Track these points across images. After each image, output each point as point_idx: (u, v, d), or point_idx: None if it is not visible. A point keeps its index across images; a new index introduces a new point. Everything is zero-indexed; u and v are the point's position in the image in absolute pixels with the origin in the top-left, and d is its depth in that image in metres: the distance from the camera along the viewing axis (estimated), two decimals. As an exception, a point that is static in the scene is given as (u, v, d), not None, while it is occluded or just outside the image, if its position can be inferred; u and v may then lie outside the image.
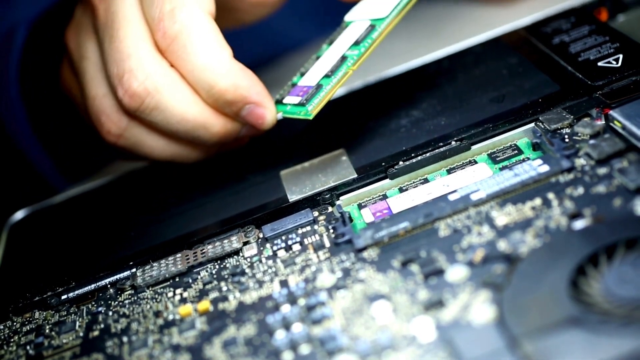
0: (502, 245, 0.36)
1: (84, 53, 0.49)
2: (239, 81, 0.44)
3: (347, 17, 0.48)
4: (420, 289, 0.36)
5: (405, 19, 0.44)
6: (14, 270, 0.49)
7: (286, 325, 0.37)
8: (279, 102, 0.47)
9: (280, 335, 0.36)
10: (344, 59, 0.44)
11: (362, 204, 0.44)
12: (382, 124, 0.48)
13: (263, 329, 0.37)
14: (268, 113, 0.45)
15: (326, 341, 0.35)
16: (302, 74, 0.47)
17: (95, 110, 0.48)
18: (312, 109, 0.43)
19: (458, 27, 0.63)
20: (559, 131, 0.42)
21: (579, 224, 0.36)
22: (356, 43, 0.44)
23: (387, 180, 0.44)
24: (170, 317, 0.40)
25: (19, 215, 0.54)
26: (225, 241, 0.43)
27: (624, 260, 0.33)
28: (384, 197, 0.43)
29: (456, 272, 0.36)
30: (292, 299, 0.38)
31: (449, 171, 0.43)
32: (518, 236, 0.37)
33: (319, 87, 0.44)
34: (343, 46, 0.46)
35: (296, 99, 0.45)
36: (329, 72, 0.44)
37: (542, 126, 0.43)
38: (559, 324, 0.31)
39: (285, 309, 0.38)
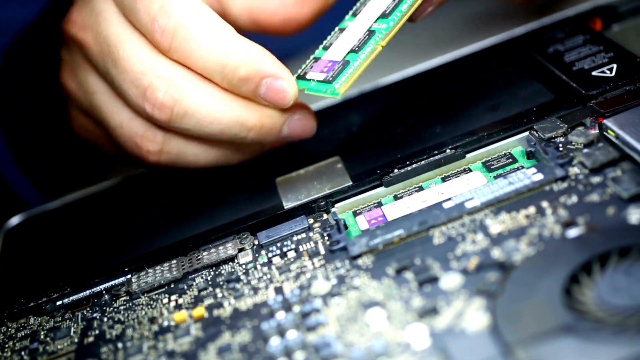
0: (496, 253, 0.36)
1: (89, 89, 0.48)
2: (249, 54, 0.42)
3: None
4: (414, 297, 0.36)
5: (402, 27, 0.44)
6: (8, 276, 0.49)
7: (281, 332, 0.37)
8: (301, 78, 0.44)
9: (275, 342, 0.36)
10: (371, 33, 0.43)
11: (357, 212, 0.44)
12: (377, 131, 0.49)
13: (258, 335, 0.37)
14: (287, 85, 0.43)
15: (321, 348, 0.35)
16: (326, 48, 0.45)
17: (126, 137, 0.47)
18: (340, 87, 0.41)
19: (453, 36, 0.63)
20: (553, 140, 0.42)
21: (573, 233, 0.36)
22: (383, 15, 0.43)
23: (382, 188, 0.44)
24: (165, 323, 0.40)
25: (15, 220, 0.54)
26: (221, 248, 0.44)
27: (617, 268, 0.33)
28: (379, 204, 0.44)
29: (450, 280, 0.36)
30: (287, 306, 0.38)
31: (444, 179, 0.43)
32: (512, 244, 0.37)
33: (345, 63, 0.42)
34: (369, 18, 0.44)
35: (321, 75, 0.43)
36: (356, 47, 0.43)
37: (537, 135, 0.43)
38: (552, 331, 0.31)
39: (280, 315, 0.38)
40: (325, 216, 0.44)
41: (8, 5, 0.53)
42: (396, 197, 0.44)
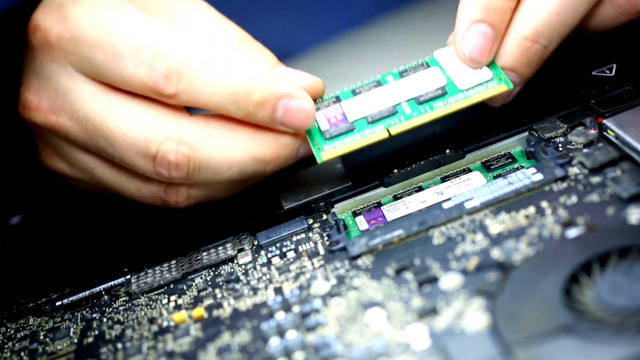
0: (496, 253, 0.36)
1: (85, 167, 0.45)
2: (260, 77, 0.40)
3: (437, 54, 0.44)
4: (414, 297, 0.36)
5: (400, 25, 0.44)
6: (8, 276, 0.48)
7: (280, 332, 0.37)
8: None
9: (274, 342, 0.36)
10: (393, 112, 0.42)
11: (357, 212, 0.44)
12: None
13: (257, 335, 0.37)
14: (305, 103, 0.41)
15: (320, 348, 0.35)
16: (353, 93, 0.44)
17: (148, 198, 0.45)
18: (325, 156, 0.41)
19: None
20: (552, 140, 0.42)
21: (573, 233, 0.36)
22: (418, 100, 0.42)
23: (382, 188, 0.44)
24: (165, 323, 0.40)
25: (14, 220, 0.54)
26: (220, 248, 0.44)
27: (616, 268, 0.33)
28: (379, 204, 0.44)
29: (450, 280, 0.36)
30: (286, 306, 0.38)
31: (443, 179, 0.43)
32: (512, 244, 0.37)
33: (350, 128, 0.41)
34: (406, 91, 0.42)
35: (325, 124, 0.42)
36: (370, 117, 0.42)
37: (536, 135, 0.43)
38: (552, 331, 0.31)
39: (280, 316, 0.38)
40: (324, 216, 0.44)
41: None
42: (395, 197, 0.44)
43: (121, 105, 0.41)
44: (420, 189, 0.43)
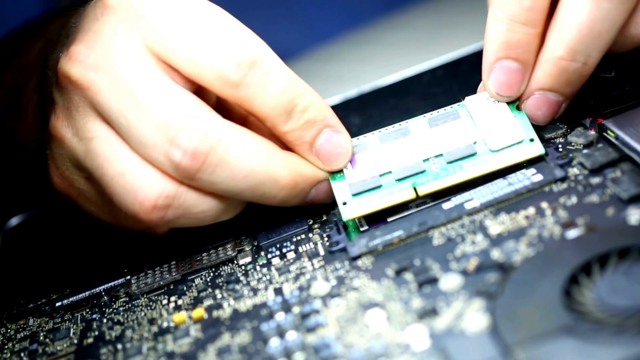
0: (496, 254, 0.36)
1: (87, 134, 0.41)
2: (317, 99, 0.41)
3: (468, 101, 0.43)
4: (414, 298, 0.36)
5: (400, 26, 0.44)
6: (8, 277, 0.49)
7: (280, 333, 0.37)
8: None
9: (274, 343, 0.36)
10: (421, 170, 0.41)
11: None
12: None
13: (257, 336, 0.37)
14: (347, 142, 0.42)
15: (320, 349, 0.35)
16: (381, 141, 0.43)
17: (126, 187, 0.40)
18: (350, 213, 0.40)
19: (452, 36, 0.63)
20: (552, 140, 0.42)
21: (572, 233, 0.36)
22: (447, 159, 0.41)
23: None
24: (165, 324, 0.40)
25: (14, 221, 0.54)
26: (220, 249, 0.44)
27: (616, 269, 0.33)
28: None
29: (450, 281, 0.36)
30: (286, 307, 0.38)
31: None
32: (512, 245, 0.37)
33: (375, 184, 0.41)
34: (435, 143, 0.42)
35: (350, 175, 0.42)
36: (397, 174, 0.41)
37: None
38: (552, 332, 0.31)
39: (280, 316, 0.38)
40: (324, 217, 0.44)
41: None
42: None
43: (168, 80, 0.40)
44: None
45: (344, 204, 0.41)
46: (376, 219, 0.42)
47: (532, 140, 0.41)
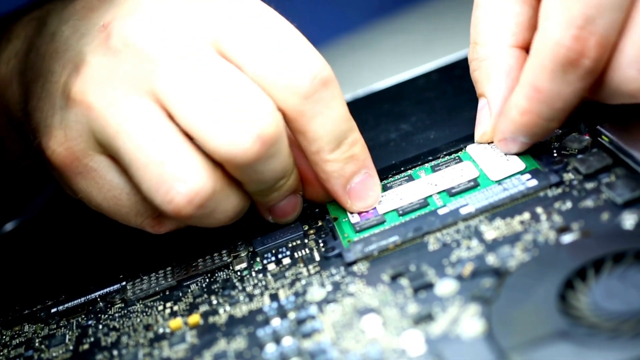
0: (491, 259, 0.37)
1: (128, 107, 0.39)
2: (361, 137, 0.41)
3: (470, 149, 0.44)
4: (409, 303, 0.36)
5: (395, 31, 0.44)
6: (3, 283, 0.48)
7: (276, 338, 0.37)
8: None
9: (270, 349, 0.36)
10: (424, 205, 0.41)
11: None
12: (371, 137, 0.49)
13: (253, 342, 0.37)
14: (378, 187, 0.42)
15: (316, 354, 0.35)
16: (385, 188, 0.43)
17: (165, 178, 0.38)
18: (353, 258, 0.40)
19: (447, 40, 0.63)
20: (547, 146, 0.42)
21: (567, 238, 0.36)
22: (449, 193, 0.41)
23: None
24: (161, 330, 0.40)
25: (9, 226, 0.54)
26: (216, 255, 0.44)
27: (611, 274, 0.33)
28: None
29: (445, 286, 0.36)
30: (282, 313, 0.38)
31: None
32: (507, 250, 0.37)
33: (380, 221, 0.41)
34: (438, 183, 0.42)
35: (355, 216, 0.42)
36: (401, 210, 0.41)
37: (531, 140, 0.43)
38: (547, 337, 0.31)
39: (276, 322, 0.38)
40: (320, 223, 0.44)
41: None
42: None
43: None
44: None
45: (349, 242, 0.41)
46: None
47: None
